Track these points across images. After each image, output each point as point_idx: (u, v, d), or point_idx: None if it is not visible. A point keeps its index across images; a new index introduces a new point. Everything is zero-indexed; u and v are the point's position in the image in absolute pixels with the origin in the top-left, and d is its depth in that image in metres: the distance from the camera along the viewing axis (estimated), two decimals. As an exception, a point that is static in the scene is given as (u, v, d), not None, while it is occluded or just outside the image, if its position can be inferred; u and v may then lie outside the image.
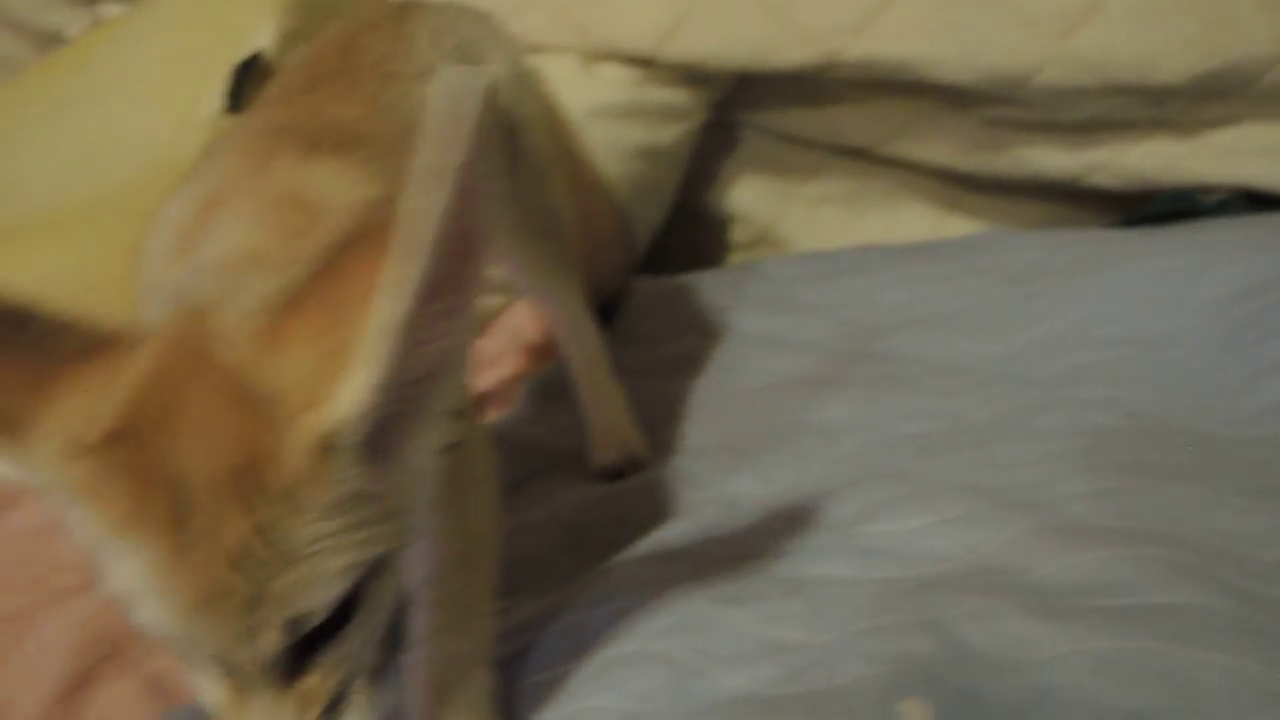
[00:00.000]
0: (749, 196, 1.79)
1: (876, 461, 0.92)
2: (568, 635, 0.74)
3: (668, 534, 0.90)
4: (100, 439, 0.49)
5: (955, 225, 1.68)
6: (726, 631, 0.68)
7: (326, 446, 0.49)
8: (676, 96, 1.65)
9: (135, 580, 0.50)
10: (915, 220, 1.70)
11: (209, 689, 0.53)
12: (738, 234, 1.82)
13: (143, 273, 0.68)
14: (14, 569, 1.16)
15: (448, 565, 0.67)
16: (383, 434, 0.51)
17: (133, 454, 0.49)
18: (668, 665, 0.66)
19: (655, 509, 0.97)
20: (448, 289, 0.48)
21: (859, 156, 1.73)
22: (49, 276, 1.44)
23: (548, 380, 1.29)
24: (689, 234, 1.82)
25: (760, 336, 1.37)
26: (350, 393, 0.48)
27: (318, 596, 0.50)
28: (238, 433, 0.49)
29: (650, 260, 1.72)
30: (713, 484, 0.98)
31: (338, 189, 0.63)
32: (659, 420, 1.16)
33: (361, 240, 0.50)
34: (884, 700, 0.55)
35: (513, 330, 1.49)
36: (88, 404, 0.50)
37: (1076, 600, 0.61)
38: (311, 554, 0.50)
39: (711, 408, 1.17)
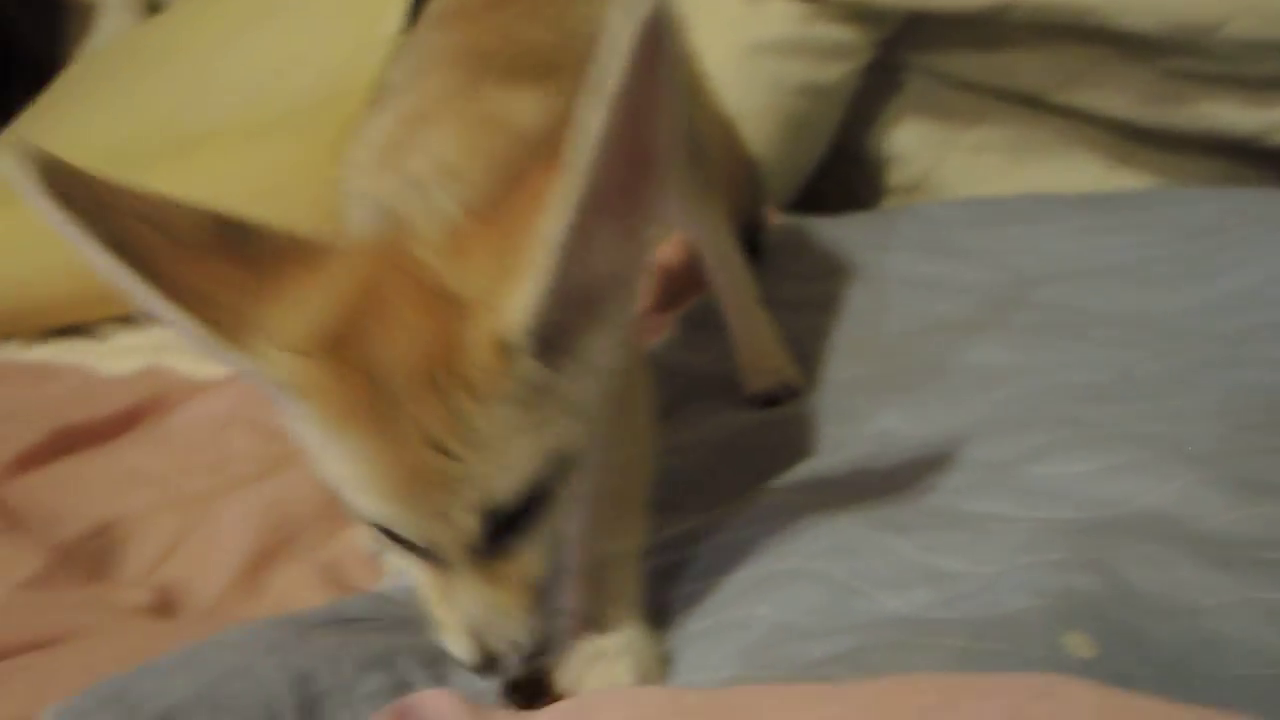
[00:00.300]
0: (908, 140, 1.77)
1: (1038, 407, 0.91)
2: (722, 551, 0.76)
3: (820, 464, 0.92)
4: (316, 341, 0.55)
5: (1121, 179, 1.64)
6: (885, 556, 0.68)
7: (504, 344, 0.54)
8: (844, 34, 1.63)
9: (347, 467, 0.56)
10: (1079, 172, 1.66)
11: (416, 572, 0.60)
12: (894, 178, 1.80)
13: (346, 179, 0.74)
14: (197, 455, 1.24)
15: (607, 472, 0.70)
16: (561, 336, 0.55)
17: (344, 354, 0.55)
18: (825, 583, 0.67)
19: (807, 439, 0.98)
20: (622, 206, 0.53)
21: (1026, 104, 1.69)
22: (235, 185, 1.52)
23: (699, 310, 1.31)
24: (844, 176, 1.81)
25: (916, 279, 1.36)
26: (521, 298, 0.53)
27: (507, 481, 0.55)
28: (431, 332, 0.54)
29: (805, 201, 1.72)
30: (865, 419, 0.99)
31: (536, 115, 0.66)
32: (810, 355, 1.17)
33: (539, 158, 0.54)
34: (1049, 631, 0.56)
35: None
36: (305, 308, 0.56)
37: (1250, 552, 0.61)
38: (498, 440, 0.54)
39: (863, 346, 1.18)
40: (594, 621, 0.67)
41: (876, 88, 1.74)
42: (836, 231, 1.60)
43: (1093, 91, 1.58)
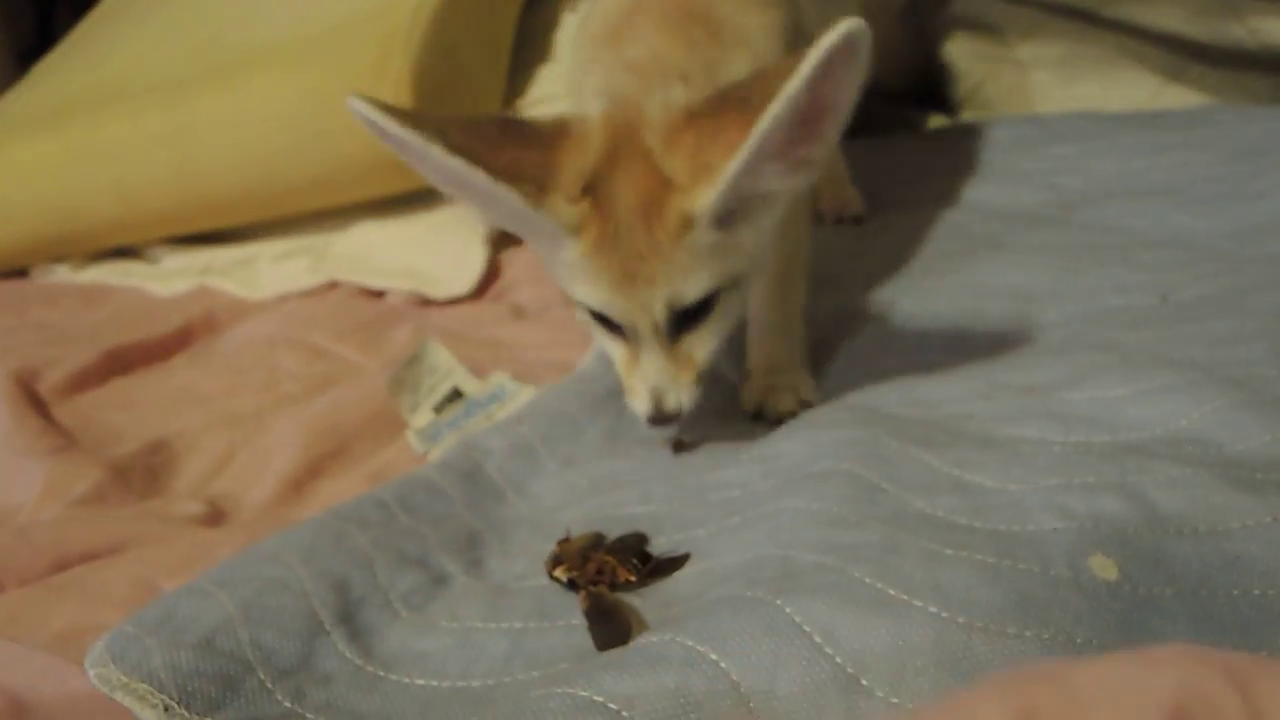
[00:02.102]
0: (957, 55, 1.75)
1: (1078, 331, 0.91)
2: (754, 463, 0.79)
3: (853, 390, 0.93)
4: (580, 190, 0.77)
5: (1174, 96, 1.61)
6: (915, 466, 0.69)
7: (689, 217, 0.75)
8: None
9: (592, 272, 0.79)
10: (1132, 89, 1.63)
11: (616, 351, 0.84)
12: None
13: (577, 52, 0.93)
14: (247, 375, 1.27)
15: (779, 255, 0.96)
16: (734, 215, 0.77)
17: (597, 199, 0.77)
18: (855, 481, 0.68)
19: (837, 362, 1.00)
20: (790, 153, 0.73)
21: (1078, 18, 1.66)
22: (280, 107, 1.53)
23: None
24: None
25: (962, 200, 1.35)
26: (708, 192, 0.74)
27: (685, 290, 0.78)
28: (648, 190, 0.76)
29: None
30: (903, 346, 0.99)
31: (736, 10, 0.86)
32: (845, 279, 1.17)
33: (744, 98, 0.72)
34: (1074, 552, 0.57)
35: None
36: (571, 171, 0.77)
37: (1278, 475, 0.61)
38: (681, 263, 0.77)
39: (904, 271, 1.17)
40: (771, 364, 0.96)
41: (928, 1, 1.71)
42: (880, 153, 1.58)
43: (1147, 6, 1.55)
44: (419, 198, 1.60)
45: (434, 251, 1.52)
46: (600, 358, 1.06)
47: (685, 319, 0.80)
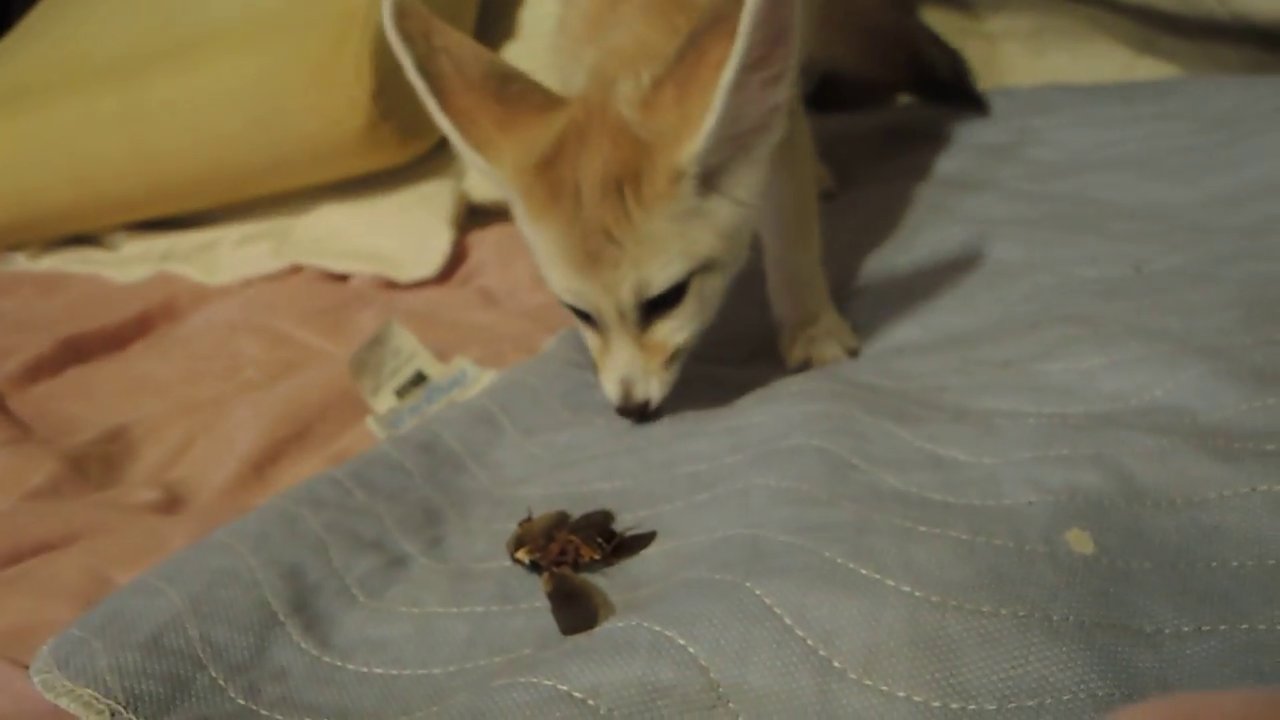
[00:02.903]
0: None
1: (1051, 303, 0.89)
2: (722, 435, 0.76)
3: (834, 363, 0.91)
4: (535, 162, 0.76)
5: (1146, 68, 1.60)
6: (887, 441, 0.68)
7: (677, 172, 0.73)
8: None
9: (547, 249, 0.78)
10: (1103, 61, 1.63)
11: (589, 339, 0.83)
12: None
13: (556, 57, 0.92)
14: (207, 362, 1.24)
15: (789, 203, 0.94)
16: (717, 173, 0.75)
17: (550, 171, 0.76)
18: (826, 458, 0.66)
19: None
20: (765, 64, 0.71)
21: (1048, -10, 1.64)
22: (236, 86, 1.49)
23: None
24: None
25: (934, 174, 1.34)
26: (696, 136, 0.72)
27: (657, 272, 0.76)
28: (622, 161, 0.74)
29: (819, 94, 1.69)
30: (877, 321, 0.98)
31: None
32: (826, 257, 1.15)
33: (711, 31, 0.71)
34: (1049, 526, 0.55)
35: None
36: (532, 139, 0.77)
37: (1255, 444, 0.59)
38: (655, 241, 0.75)
39: (875, 245, 1.16)
40: (804, 315, 0.95)
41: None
42: (849, 129, 1.57)
43: (1115, -23, 1.54)
44: (383, 179, 1.57)
45: (399, 234, 1.50)
46: (563, 338, 1.04)
47: (656, 306, 0.78)
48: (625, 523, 0.69)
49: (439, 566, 0.69)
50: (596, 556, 0.64)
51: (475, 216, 1.59)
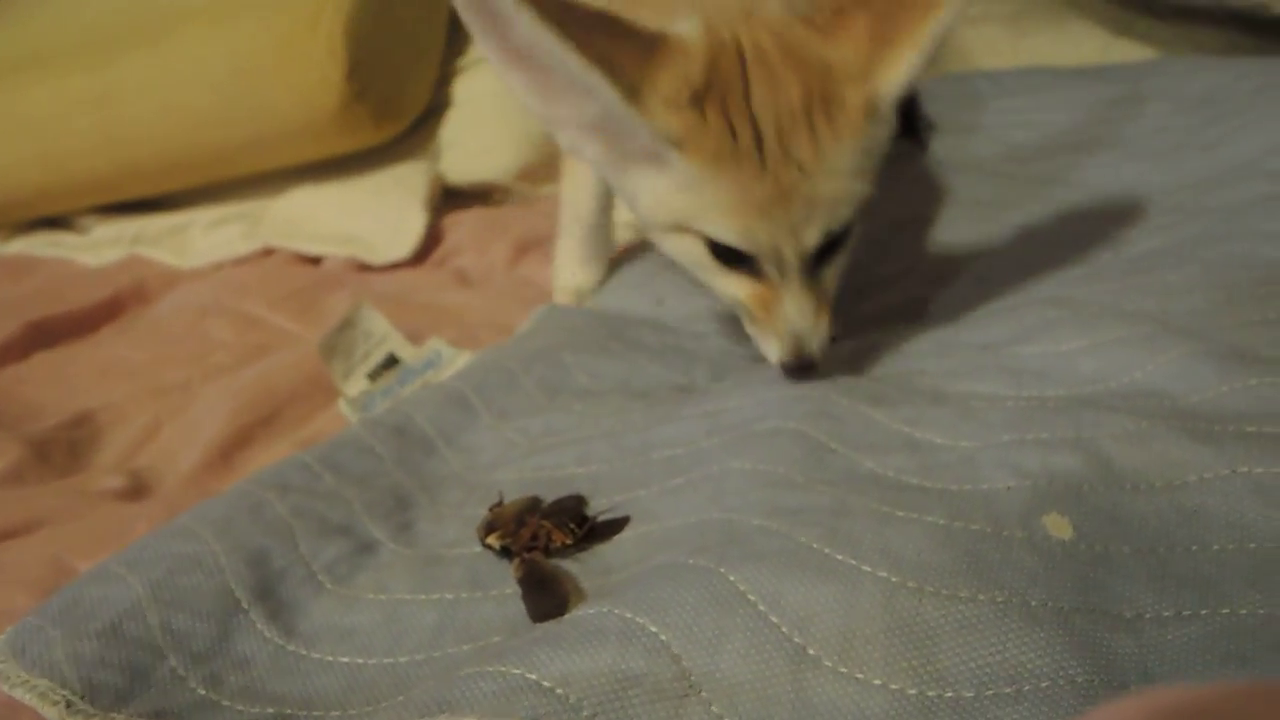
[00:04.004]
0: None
1: (1030, 287, 0.89)
2: (704, 418, 0.75)
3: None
4: (690, 98, 0.68)
5: (1124, 50, 1.60)
6: (865, 424, 0.67)
7: (873, 106, 0.70)
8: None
9: (723, 193, 0.70)
10: (1082, 43, 1.62)
11: (742, 290, 0.75)
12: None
13: None
14: (177, 345, 1.22)
15: None
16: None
17: (718, 105, 0.69)
18: (803, 440, 0.65)
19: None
20: None
21: (1027, -27, 1.64)
22: (209, 68, 1.47)
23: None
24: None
25: (912, 156, 1.33)
26: (897, 73, 0.69)
27: (844, 207, 0.72)
28: (812, 88, 0.69)
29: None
30: (854, 308, 0.97)
31: None
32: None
33: None
34: (1028, 511, 0.54)
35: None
36: (673, 77, 0.68)
37: (1236, 426, 0.58)
38: (844, 174, 0.70)
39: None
40: None
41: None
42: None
43: (1094, -42, 1.53)
44: (357, 161, 1.55)
45: (372, 216, 1.48)
46: (541, 317, 1.02)
47: (828, 248, 0.73)
48: (599, 508, 0.68)
49: (408, 552, 0.67)
50: (568, 542, 0.63)
51: (452, 199, 1.58)
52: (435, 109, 1.68)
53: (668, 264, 0.80)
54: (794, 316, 0.73)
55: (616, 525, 0.65)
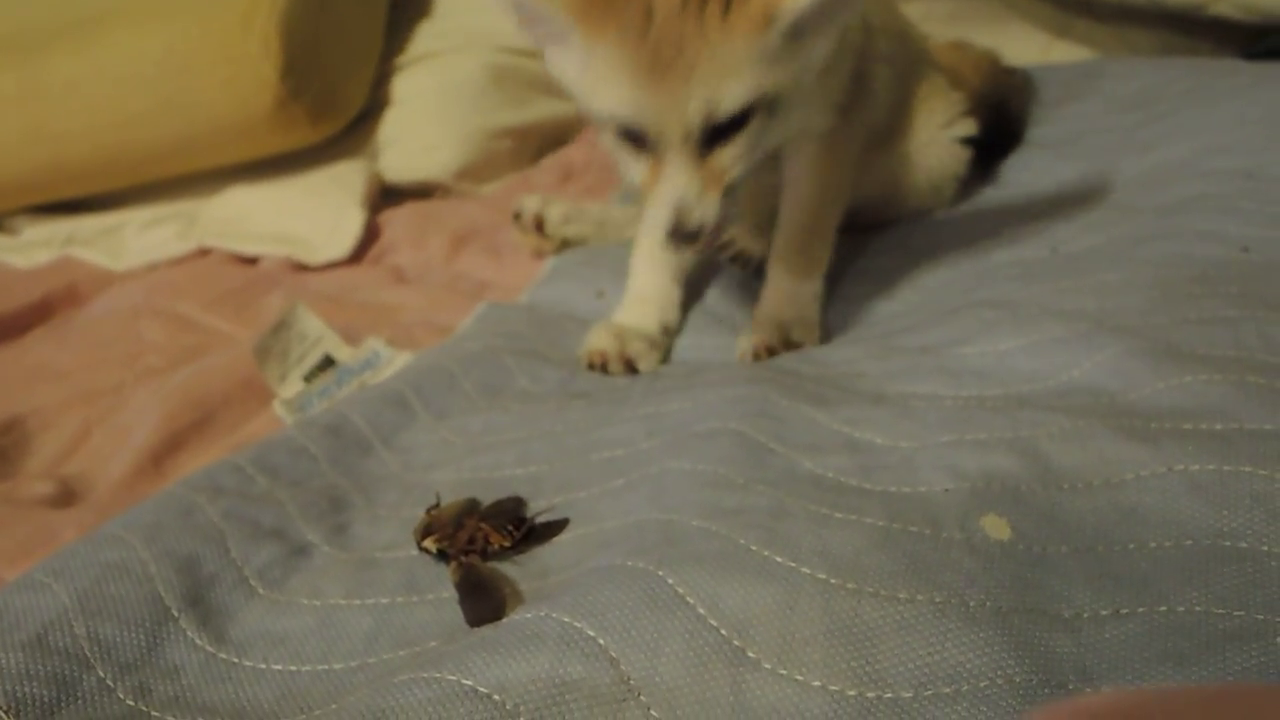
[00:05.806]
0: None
1: (969, 289, 0.89)
2: (645, 420, 0.75)
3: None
4: None
5: (1063, 51, 1.62)
6: (804, 424, 0.67)
7: (771, 17, 0.73)
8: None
9: (608, 64, 0.75)
10: (1021, 44, 1.64)
11: (639, 170, 0.80)
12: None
13: None
14: (108, 348, 1.20)
15: (797, 214, 0.96)
16: (801, 32, 0.75)
17: None
18: (743, 440, 0.65)
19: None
20: None
21: (967, -26, 1.65)
22: (139, 64, 1.44)
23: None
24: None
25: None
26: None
27: (729, 93, 0.74)
28: None
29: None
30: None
31: None
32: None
33: None
34: (966, 513, 0.54)
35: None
36: None
37: (1172, 423, 0.59)
38: (730, 65, 0.74)
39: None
40: (780, 316, 0.94)
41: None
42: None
43: (1032, -39, 1.55)
44: (293, 160, 1.53)
45: (309, 215, 1.46)
46: (481, 316, 1.01)
47: (718, 134, 0.76)
48: (539, 509, 0.67)
49: (343, 556, 0.66)
50: (506, 544, 0.62)
51: (388, 197, 1.56)
52: (374, 107, 1.66)
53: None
54: (676, 189, 0.77)
55: (555, 527, 0.64)
